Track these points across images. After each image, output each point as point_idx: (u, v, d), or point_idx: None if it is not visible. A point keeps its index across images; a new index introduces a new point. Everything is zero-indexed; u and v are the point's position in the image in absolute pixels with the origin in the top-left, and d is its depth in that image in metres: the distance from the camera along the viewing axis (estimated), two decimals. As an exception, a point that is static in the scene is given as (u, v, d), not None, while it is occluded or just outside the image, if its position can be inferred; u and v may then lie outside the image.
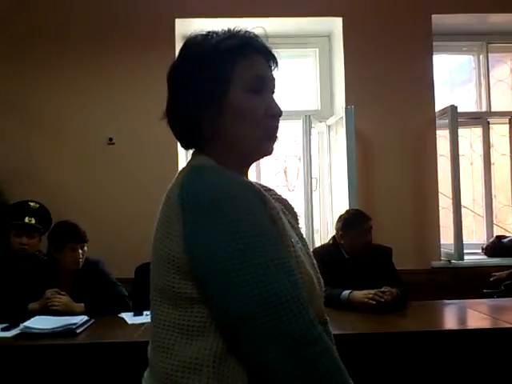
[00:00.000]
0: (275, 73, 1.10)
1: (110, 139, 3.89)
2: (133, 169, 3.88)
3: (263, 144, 1.06)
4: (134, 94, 3.90)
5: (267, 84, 1.06)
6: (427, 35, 4.08)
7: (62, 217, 3.13)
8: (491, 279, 3.55)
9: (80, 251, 2.93)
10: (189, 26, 4.02)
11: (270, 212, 0.96)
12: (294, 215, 1.19)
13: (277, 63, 1.10)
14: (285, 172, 4.94)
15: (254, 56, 1.05)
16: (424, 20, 4.07)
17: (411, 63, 4.05)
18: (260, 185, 1.17)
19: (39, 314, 2.63)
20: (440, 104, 4.13)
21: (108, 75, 3.92)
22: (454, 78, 4.81)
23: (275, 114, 1.05)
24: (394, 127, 4.02)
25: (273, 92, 1.08)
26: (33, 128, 3.90)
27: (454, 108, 3.94)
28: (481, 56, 4.55)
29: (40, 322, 2.45)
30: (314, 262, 1.12)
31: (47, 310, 2.72)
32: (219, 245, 0.89)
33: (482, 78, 4.55)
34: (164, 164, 3.76)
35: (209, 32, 1.06)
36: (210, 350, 0.92)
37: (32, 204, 3.34)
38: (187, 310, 0.94)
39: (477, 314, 2.80)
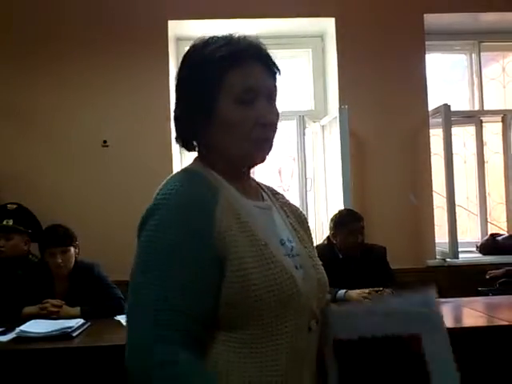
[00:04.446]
0: (278, 78, 1.09)
1: (104, 142, 3.88)
2: (127, 171, 3.87)
3: (253, 155, 1.07)
4: (128, 96, 3.88)
5: (261, 93, 1.04)
6: (420, 35, 4.09)
7: (56, 220, 3.12)
8: (487, 277, 3.57)
9: (59, 256, 2.87)
10: (182, 28, 4.03)
11: (217, 222, 0.96)
12: (300, 219, 1.20)
13: (278, 69, 1.09)
14: (279, 172, 4.94)
15: (250, 64, 1.04)
16: (416, 19, 4.08)
17: (404, 62, 4.06)
18: (267, 187, 1.21)
19: (35, 318, 2.61)
20: (433, 103, 4.15)
21: (101, 77, 3.91)
22: (446, 76, 4.82)
23: (266, 123, 1.04)
24: (387, 127, 4.03)
25: (271, 100, 1.07)
26: (27, 131, 3.89)
27: (447, 107, 3.95)
28: (473, 55, 4.56)
29: (36, 326, 2.44)
30: (316, 263, 1.12)
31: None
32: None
33: (474, 76, 4.57)
34: (158, 166, 3.74)
35: (212, 37, 1.06)
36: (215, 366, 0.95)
37: (9, 205, 3.31)
38: None
39: (472, 312, 2.80)
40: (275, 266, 0.98)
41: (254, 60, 1.05)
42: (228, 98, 1.02)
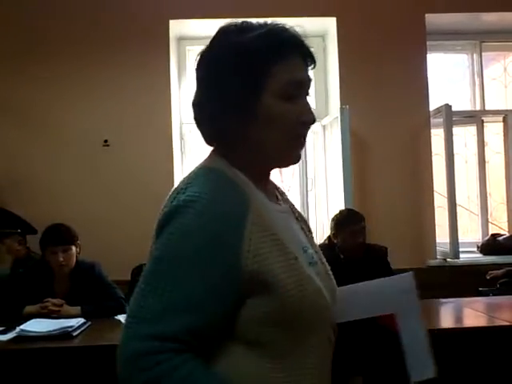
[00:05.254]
0: (311, 71, 1.03)
1: (105, 141, 3.89)
2: (128, 170, 3.87)
3: (292, 151, 1.00)
4: (129, 96, 3.88)
5: (303, 88, 1.00)
6: (421, 34, 4.09)
7: (57, 219, 3.11)
8: (488, 277, 3.57)
9: (61, 254, 2.87)
10: (183, 28, 4.03)
11: (247, 239, 0.90)
12: (304, 221, 1.14)
13: (315, 61, 1.04)
14: (280, 172, 4.93)
15: (292, 57, 0.98)
16: (418, 19, 4.08)
17: (405, 62, 4.06)
18: (274, 185, 1.14)
19: (35, 317, 2.61)
20: (434, 103, 4.15)
21: (103, 77, 3.91)
22: (447, 76, 4.82)
23: (307, 121, 0.99)
24: (388, 127, 4.03)
25: (307, 94, 1.02)
26: (27, 130, 3.89)
27: (448, 107, 3.95)
28: (474, 55, 4.56)
29: (36, 325, 2.45)
30: (328, 268, 1.09)
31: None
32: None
33: (475, 76, 4.56)
34: (159, 166, 3.75)
35: (243, 23, 0.98)
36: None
37: None
38: None
39: (473, 313, 2.80)
40: (307, 283, 0.94)
41: (296, 52, 0.99)
42: (272, 91, 0.95)
